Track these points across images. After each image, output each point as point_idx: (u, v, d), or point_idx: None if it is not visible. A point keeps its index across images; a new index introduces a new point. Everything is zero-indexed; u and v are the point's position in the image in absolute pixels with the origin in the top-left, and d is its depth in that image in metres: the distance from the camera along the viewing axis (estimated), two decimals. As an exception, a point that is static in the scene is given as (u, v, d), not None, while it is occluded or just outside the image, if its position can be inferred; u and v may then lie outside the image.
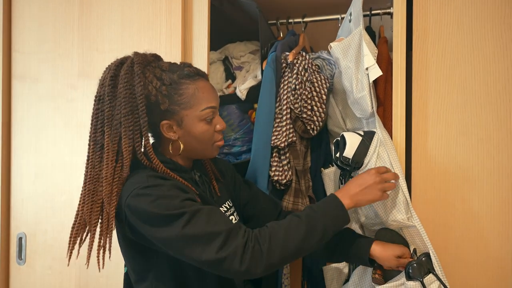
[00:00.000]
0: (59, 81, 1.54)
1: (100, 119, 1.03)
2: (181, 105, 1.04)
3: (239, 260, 0.92)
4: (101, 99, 1.04)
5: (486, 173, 1.19)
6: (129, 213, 0.98)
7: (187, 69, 1.07)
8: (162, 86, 1.04)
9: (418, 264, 1.10)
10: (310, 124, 1.35)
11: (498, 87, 1.18)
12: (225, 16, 1.60)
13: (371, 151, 1.16)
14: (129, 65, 1.03)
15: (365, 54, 1.18)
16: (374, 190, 1.06)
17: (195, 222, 0.94)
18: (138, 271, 1.08)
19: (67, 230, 1.51)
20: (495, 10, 1.18)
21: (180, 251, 0.95)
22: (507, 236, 1.17)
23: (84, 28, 1.51)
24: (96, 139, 1.04)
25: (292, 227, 0.98)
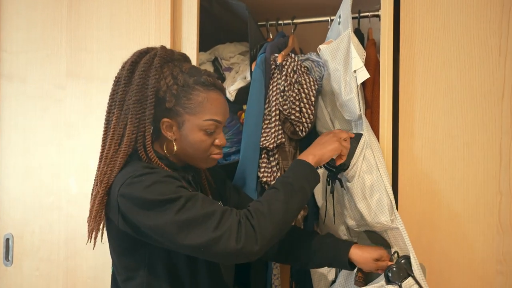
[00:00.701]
0: (47, 81, 1.53)
1: (114, 101, 1.06)
2: (186, 108, 1.05)
3: (235, 237, 0.92)
4: (118, 81, 1.07)
5: (471, 175, 1.20)
6: (122, 203, 0.97)
7: (205, 77, 1.07)
8: (174, 85, 1.04)
9: (398, 268, 1.12)
10: (298, 126, 1.35)
11: (483, 90, 1.20)
12: (214, 17, 1.60)
13: (357, 153, 1.17)
14: (151, 55, 1.05)
15: (353, 56, 1.19)
16: (331, 141, 1.12)
17: (190, 207, 0.94)
18: (128, 268, 1.06)
19: (55, 231, 1.52)
20: (480, 15, 1.20)
21: (173, 238, 0.93)
22: (491, 238, 1.19)
23: (73, 28, 1.50)
24: (108, 119, 1.07)
25: (272, 198, 1.01)
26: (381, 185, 1.16)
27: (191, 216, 0.93)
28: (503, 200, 1.18)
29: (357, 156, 1.17)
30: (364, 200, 1.17)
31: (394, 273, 1.11)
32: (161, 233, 0.95)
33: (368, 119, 1.30)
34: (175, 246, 0.97)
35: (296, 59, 1.40)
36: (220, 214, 0.95)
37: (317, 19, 1.56)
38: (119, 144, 1.03)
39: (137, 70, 1.04)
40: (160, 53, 1.05)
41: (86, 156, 1.49)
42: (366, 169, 1.17)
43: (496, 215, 1.19)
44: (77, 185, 1.49)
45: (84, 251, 1.48)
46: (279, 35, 1.57)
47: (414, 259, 1.12)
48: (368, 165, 1.17)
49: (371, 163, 1.17)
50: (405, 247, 1.16)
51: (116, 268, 1.10)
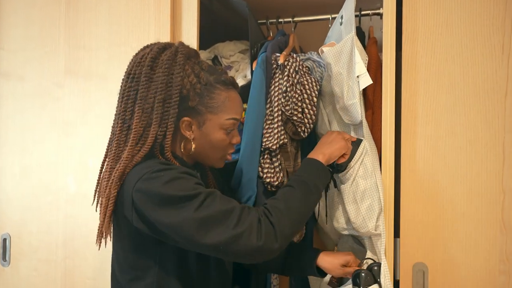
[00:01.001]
0: (45, 79, 1.52)
1: (132, 98, 1.02)
2: (208, 108, 1.04)
3: (256, 234, 0.91)
4: (136, 77, 1.02)
5: (474, 173, 1.19)
6: (138, 198, 0.94)
7: (225, 76, 1.08)
8: (197, 83, 1.03)
9: (366, 273, 1.15)
10: (300, 127, 1.35)
11: (486, 88, 1.19)
12: (214, 15, 1.59)
13: (356, 157, 1.19)
14: (173, 52, 1.03)
15: (357, 62, 1.20)
16: (338, 140, 1.17)
17: (208, 204, 0.92)
18: (136, 268, 1.02)
19: (53, 231, 1.50)
20: (483, 11, 1.19)
21: (192, 236, 0.91)
22: (495, 237, 1.18)
23: (71, 25, 1.49)
24: (125, 118, 1.02)
25: (289, 196, 1.02)
26: (375, 192, 1.19)
27: (210, 213, 0.91)
28: (506, 199, 1.17)
29: (355, 160, 1.20)
30: (354, 204, 1.21)
31: (362, 278, 1.15)
32: (179, 231, 0.92)
33: (369, 118, 1.29)
34: (192, 245, 0.94)
35: (298, 59, 1.39)
36: (240, 211, 0.93)
37: (317, 17, 1.55)
38: (141, 144, 1.00)
39: (159, 66, 1.01)
40: (182, 50, 1.04)
41: (85, 154, 1.47)
42: (362, 174, 1.20)
43: (499, 214, 1.18)
44: (75, 184, 1.48)
45: (83, 251, 1.47)
46: (279, 33, 1.56)
47: (384, 268, 1.16)
48: (365, 171, 1.20)
49: (368, 169, 1.20)
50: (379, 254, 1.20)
51: (121, 267, 1.06)
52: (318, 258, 1.22)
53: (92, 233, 1.45)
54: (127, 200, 0.96)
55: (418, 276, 1.22)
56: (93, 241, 1.44)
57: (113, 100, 1.42)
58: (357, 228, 1.22)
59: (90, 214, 1.46)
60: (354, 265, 1.21)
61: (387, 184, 1.21)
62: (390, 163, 1.21)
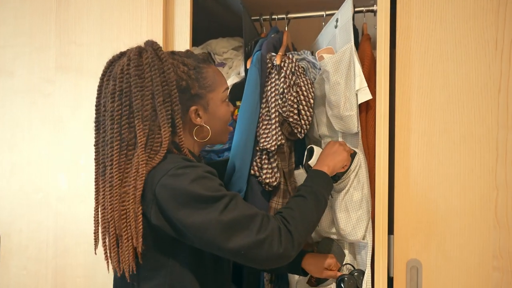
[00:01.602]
0: (35, 74, 1.49)
1: (125, 114, 0.96)
2: (207, 88, 1.06)
3: (278, 240, 0.92)
4: (124, 92, 0.97)
5: (467, 169, 1.20)
6: (161, 193, 0.91)
7: (199, 54, 1.10)
8: (189, 70, 1.03)
9: (349, 278, 1.24)
10: (297, 128, 1.34)
11: (479, 84, 1.19)
12: (207, 11, 1.58)
13: (351, 169, 1.25)
14: (152, 52, 1.00)
15: (358, 75, 1.23)
16: (340, 151, 1.21)
17: (233, 207, 0.92)
18: (147, 268, 0.98)
19: (43, 229, 1.48)
20: (476, 7, 1.19)
21: (215, 238, 0.90)
22: (488, 233, 1.18)
23: (62, 20, 1.47)
24: (121, 137, 0.96)
25: (303, 205, 1.05)
26: (365, 203, 1.25)
27: (235, 217, 0.91)
28: (499, 195, 1.18)
29: (351, 171, 1.25)
30: (345, 212, 1.26)
31: (345, 282, 1.24)
32: (202, 232, 0.90)
33: (363, 117, 1.29)
34: (212, 247, 0.92)
35: (294, 59, 1.38)
36: (261, 217, 0.94)
37: (311, 14, 1.55)
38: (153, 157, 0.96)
39: (146, 71, 0.97)
40: (157, 46, 1.02)
41: (76, 151, 1.45)
42: (356, 185, 1.26)
43: (493, 210, 1.18)
44: (66, 181, 1.46)
45: (73, 249, 1.45)
46: (272, 30, 1.55)
47: (367, 276, 1.22)
48: (358, 183, 1.25)
49: (360, 181, 1.25)
50: (362, 261, 1.27)
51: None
52: (303, 261, 1.29)
53: (83, 231, 1.44)
54: (148, 195, 0.93)
55: (412, 273, 1.22)
56: (84, 240, 1.44)
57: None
58: (345, 235, 1.26)
59: (81, 211, 1.45)
60: (335, 269, 1.29)
61: (381, 180, 1.21)
62: (384, 159, 1.21)
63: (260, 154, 1.32)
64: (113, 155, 0.96)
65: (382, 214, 1.21)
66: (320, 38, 1.57)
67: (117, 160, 0.96)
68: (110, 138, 0.97)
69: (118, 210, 0.94)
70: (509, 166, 1.17)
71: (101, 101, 1.01)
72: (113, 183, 0.95)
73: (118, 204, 0.94)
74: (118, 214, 0.94)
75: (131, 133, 0.96)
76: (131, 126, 0.96)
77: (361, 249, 1.30)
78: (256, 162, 1.31)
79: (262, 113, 1.34)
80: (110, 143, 0.97)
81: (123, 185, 0.95)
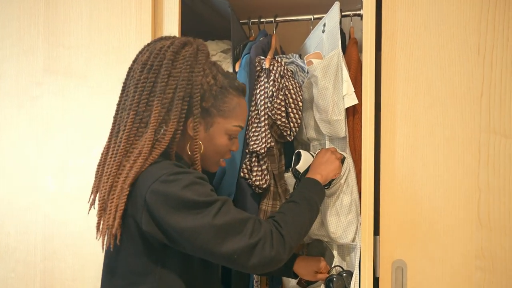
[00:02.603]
0: (23, 77, 1.49)
1: (148, 90, 0.98)
2: (220, 111, 1.05)
3: (270, 244, 0.93)
4: (154, 69, 0.98)
5: (451, 171, 1.22)
6: (153, 199, 0.90)
7: (238, 82, 1.09)
8: (214, 85, 1.03)
9: (337, 279, 1.27)
10: (286, 130, 1.36)
11: (462, 88, 1.22)
12: (196, 14, 1.59)
13: (341, 175, 1.26)
14: (194, 49, 1.01)
15: (345, 80, 1.25)
16: (332, 160, 1.22)
17: (225, 212, 0.92)
18: (135, 273, 0.98)
19: (32, 232, 1.47)
20: (460, 13, 1.22)
21: (208, 243, 0.90)
22: (471, 233, 1.21)
23: (50, 22, 1.46)
24: (138, 110, 0.98)
25: (295, 211, 1.06)
26: (355, 207, 1.27)
27: (228, 221, 0.91)
28: (482, 196, 1.20)
29: (340, 177, 1.27)
30: (336, 216, 1.28)
31: (334, 282, 1.27)
32: (194, 237, 0.90)
33: (350, 120, 1.31)
34: (204, 252, 0.92)
35: (283, 63, 1.40)
36: (254, 221, 0.95)
37: (299, 18, 1.57)
38: (158, 142, 0.97)
39: (180, 62, 0.99)
40: (202, 48, 1.03)
41: (65, 154, 1.45)
42: (345, 190, 1.28)
43: (475, 211, 1.21)
44: (55, 184, 1.46)
45: (62, 252, 1.44)
46: (261, 33, 1.56)
47: (355, 278, 1.25)
48: (347, 187, 1.28)
49: (349, 185, 1.28)
50: (351, 263, 1.30)
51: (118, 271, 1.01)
52: (295, 265, 1.32)
53: (72, 233, 1.44)
54: (139, 201, 0.93)
55: (397, 273, 1.24)
56: (73, 242, 1.44)
57: (94, 98, 1.43)
58: (336, 239, 1.29)
59: (70, 214, 1.44)
60: (324, 271, 1.32)
61: (367, 182, 1.23)
62: (370, 162, 1.23)
63: (249, 157, 1.33)
64: (127, 123, 0.98)
65: (368, 216, 1.23)
66: (308, 42, 1.58)
67: (128, 130, 0.97)
68: (130, 105, 0.99)
69: (112, 178, 0.95)
70: (491, 168, 1.20)
71: (134, 66, 1.04)
72: (119, 150, 0.97)
73: (115, 172, 0.96)
74: (111, 183, 0.95)
75: (147, 111, 0.98)
76: (149, 104, 0.98)
77: (350, 251, 1.33)
78: (245, 165, 1.33)
79: (251, 116, 1.35)
80: (128, 110, 0.99)
81: (125, 157, 0.96)
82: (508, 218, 1.19)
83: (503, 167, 1.19)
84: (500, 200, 1.19)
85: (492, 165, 1.20)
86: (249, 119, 1.35)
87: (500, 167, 1.19)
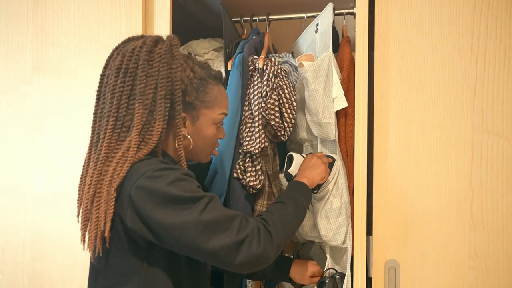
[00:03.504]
0: (11, 75, 1.47)
1: (126, 94, 0.96)
2: (203, 103, 1.04)
3: (257, 240, 0.92)
4: (130, 72, 0.96)
5: (444, 171, 1.22)
6: (138, 195, 0.89)
7: (214, 71, 1.08)
8: (194, 78, 1.02)
9: (329, 281, 1.29)
10: (280, 131, 1.35)
11: (455, 87, 1.21)
12: (188, 12, 1.57)
13: (330, 178, 1.27)
14: (168, 45, 0.99)
15: (335, 83, 1.25)
16: (319, 164, 1.23)
17: (212, 208, 0.91)
18: (120, 272, 0.96)
19: (20, 232, 1.45)
20: (453, 12, 1.21)
21: (194, 239, 0.88)
22: (464, 233, 1.21)
23: (39, 20, 1.44)
24: (118, 115, 0.96)
25: (283, 210, 1.06)
26: (345, 210, 1.27)
27: (215, 217, 0.90)
28: (474, 196, 1.20)
29: (329, 180, 1.27)
30: (326, 219, 1.29)
31: (326, 284, 1.28)
32: (180, 233, 0.89)
33: (342, 121, 1.30)
34: (190, 249, 0.91)
35: (276, 62, 1.39)
36: (241, 218, 0.94)
37: (292, 16, 1.56)
38: (144, 143, 0.96)
39: (156, 60, 0.97)
40: (175, 43, 1.01)
41: (54, 153, 1.43)
42: (335, 193, 1.28)
43: (468, 210, 1.20)
44: (44, 183, 1.44)
45: (51, 252, 1.43)
46: (253, 32, 1.55)
47: (347, 279, 1.26)
48: (337, 190, 1.28)
49: (339, 188, 1.28)
50: (343, 266, 1.31)
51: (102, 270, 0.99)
52: (291, 271, 1.34)
53: (62, 233, 1.42)
54: (124, 198, 0.91)
55: (390, 273, 1.24)
56: (62, 242, 1.42)
57: (83, 97, 1.41)
58: (327, 241, 1.30)
59: (60, 214, 1.43)
60: (318, 276, 1.34)
61: (360, 182, 1.22)
62: (362, 161, 1.22)
63: (243, 157, 1.32)
64: (106, 130, 0.96)
65: (361, 216, 1.22)
66: (300, 40, 1.58)
67: (109, 137, 0.96)
68: (108, 112, 0.97)
69: (94, 186, 0.94)
70: (483, 167, 1.20)
71: (106, 72, 1.01)
72: (99, 158, 0.95)
73: (96, 180, 0.94)
74: (94, 191, 0.94)
75: (128, 115, 0.96)
76: (129, 107, 0.96)
77: (342, 253, 1.33)
78: (239, 165, 1.32)
79: (245, 116, 1.34)
80: (107, 117, 0.97)
81: (107, 163, 0.95)
82: (501, 218, 1.19)
83: (496, 166, 1.19)
84: (493, 199, 1.19)
85: (485, 164, 1.20)
86: (242, 119, 1.34)
87: (493, 167, 1.19)
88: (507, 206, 1.18)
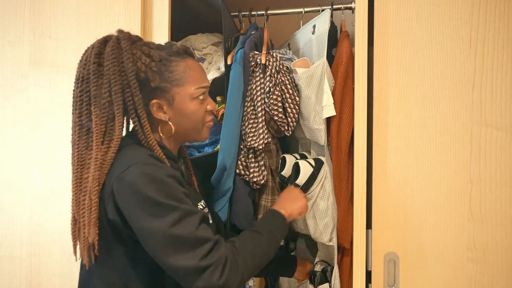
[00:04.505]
0: (8, 69, 1.45)
1: (86, 101, 0.97)
2: (172, 82, 1.01)
3: (220, 271, 0.88)
4: (85, 79, 0.97)
5: (443, 164, 1.22)
6: (118, 189, 0.89)
7: (175, 47, 1.04)
8: (151, 62, 0.99)
9: (320, 274, 1.37)
10: (283, 126, 1.35)
11: (454, 80, 1.22)
12: (186, 6, 1.57)
13: (317, 181, 1.30)
14: (115, 41, 0.98)
15: (325, 91, 1.26)
16: (300, 198, 1.21)
17: (186, 223, 0.89)
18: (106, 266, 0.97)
19: (17, 227, 1.44)
20: (452, 5, 1.22)
21: (157, 249, 0.88)
22: (463, 226, 1.21)
23: (37, 13, 1.43)
24: (82, 123, 0.97)
25: (256, 240, 1.02)
26: (331, 211, 1.30)
27: (183, 235, 0.88)
28: (473, 189, 1.21)
29: (316, 183, 1.30)
30: (313, 219, 1.33)
31: (317, 277, 1.37)
32: (147, 239, 0.89)
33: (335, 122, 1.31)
34: (154, 256, 0.90)
35: (278, 58, 1.39)
36: (212, 245, 0.90)
37: (290, 11, 1.55)
38: (108, 141, 0.95)
39: (106, 60, 0.96)
40: (123, 36, 1.00)
41: (51, 148, 1.42)
42: (321, 195, 1.31)
43: (467, 203, 1.21)
44: (41, 178, 1.43)
45: (49, 247, 1.42)
46: (252, 26, 1.55)
47: (336, 272, 1.32)
48: (324, 193, 1.31)
49: (326, 191, 1.31)
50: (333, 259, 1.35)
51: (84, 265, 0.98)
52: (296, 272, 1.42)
53: (59, 228, 1.41)
54: (107, 189, 0.92)
55: (389, 266, 1.24)
56: (60, 237, 1.41)
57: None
58: (315, 238, 1.35)
59: (57, 209, 1.42)
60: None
61: (359, 175, 1.23)
62: (362, 154, 1.22)
63: (245, 153, 1.32)
64: (75, 140, 0.98)
65: (361, 209, 1.23)
66: (297, 35, 1.57)
67: (78, 144, 0.97)
68: (73, 123, 0.99)
69: (76, 195, 0.95)
70: (482, 160, 1.20)
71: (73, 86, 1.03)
72: (75, 168, 0.97)
73: (77, 189, 0.95)
74: (77, 199, 0.95)
75: (91, 120, 0.97)
76: (89, 112, 0.97)
77: (331, 248, 1.36)
78: (240, 161, 1.31)
79: (247, 111, 1.34)
80: (74, 127, 0.99)
81: (85, 171, 0.95)
82: (499, 210, 1.19)
83: (495, 159, 1.20)
84: (491, 192, 1.20)
85: (484, 157, 1.20)
86: (244, 115, 1.33)
87: (492, 160, 1.20)
88: (506, 198, 1.19)
